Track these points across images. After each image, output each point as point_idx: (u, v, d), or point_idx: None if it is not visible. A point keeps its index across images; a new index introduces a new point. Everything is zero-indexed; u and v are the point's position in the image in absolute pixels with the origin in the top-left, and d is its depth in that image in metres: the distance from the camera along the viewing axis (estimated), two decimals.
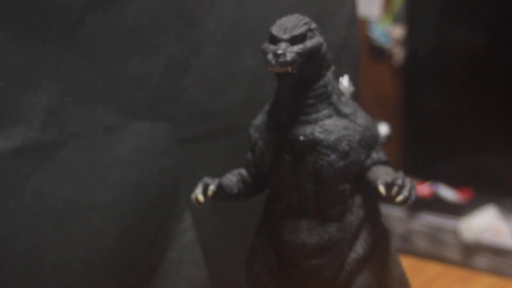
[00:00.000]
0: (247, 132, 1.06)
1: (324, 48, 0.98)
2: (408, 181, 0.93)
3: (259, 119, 1.05)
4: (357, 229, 1.03)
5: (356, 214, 1.03)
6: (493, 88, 2.31)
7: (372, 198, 1.06)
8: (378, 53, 2.51)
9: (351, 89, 1.13)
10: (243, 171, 1.08)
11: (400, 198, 0.92)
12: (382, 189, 0.94)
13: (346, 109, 1.01)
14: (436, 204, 2.26)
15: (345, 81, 1.10)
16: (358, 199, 1.03)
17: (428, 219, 2.22)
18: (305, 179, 0.99)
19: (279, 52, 0.91)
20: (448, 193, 2.31)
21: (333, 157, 0.97)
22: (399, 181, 0.92)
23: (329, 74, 1.00)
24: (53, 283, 1.08)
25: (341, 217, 1.01)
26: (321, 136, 0.97)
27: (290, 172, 1.00)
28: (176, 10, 1.21)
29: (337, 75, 1.51)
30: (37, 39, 1.05)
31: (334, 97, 1.00)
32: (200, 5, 1.24)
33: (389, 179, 0.94)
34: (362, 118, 1.02)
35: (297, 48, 0.93)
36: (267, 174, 1.04)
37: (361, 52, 1.70)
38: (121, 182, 1.15)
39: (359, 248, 1.03)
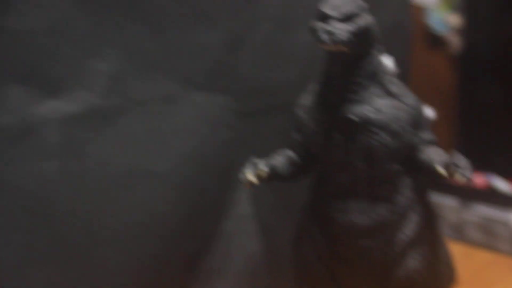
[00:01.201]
0: (294, 112, 1.06)
1: (374, 27, 0.97)
2: (462, 159, 0.93)
3: (307, 98, 1.04)
4: (406, 210, 1.03)
5: (405, 195, 1.02)
6: None
7: (422, 179, 1.06)
8: (435, 41, 2.48)
9: (394, 70, 1.12)
10: (290, 152, 1.07)
11: (457, 176, 0.91)
12: (440, 169, 0.94)
13: (394, 89, 1.00)
14: (489, 196, 2.22)
15: (388, 61, 1.10)
16: (407, 180, 1.03)
17: (481, 210, 2.19)
18: (356, 158, 0.99)
19: (331, 29, 0.90)
20: (502, 184, 2.27)
21: (385, 137, 0.97)
22: (455, 161, 0.92)
23: (377, 53, 1.00)
24: (112, 245, 1.10)
25: (391, 197, 1.01)
26: (373, 115, 0.97)
27: (341, 151, 0.99)
28: None
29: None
30: (101, 7, 1.07)
31: (382, 76, 0.99)
32: None
33: (445, 159, 0.94)
34: (410, 98, 1.01)
35: (351, 26, 0.92)
36: (318, 154, 1.03)
37: (417, 39, 1.68)
38: (180, 151, 1.17)
39: (408, 230, 1.03)
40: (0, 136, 1.00)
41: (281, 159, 1.05)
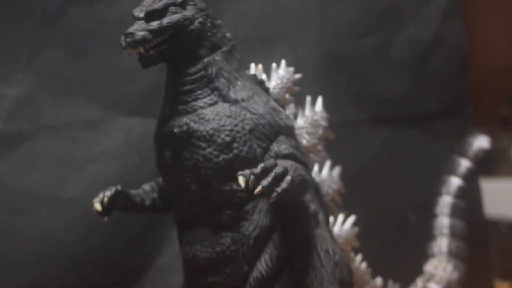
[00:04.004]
0: None
1: (196, 24, 0.83)
2: (276, 171, 0.75)
3: None
4: (259, 241, 0.85)
5: (255, 222, 0.84)
6: None
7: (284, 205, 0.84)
8: None
9: (292, 77, 0.95)
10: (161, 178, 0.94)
11: (257, 189, 0.74)
12: (241, 180, 0.74)
13: (239, 95, 0.84)
14: None
15: (281, 68, 0.95)
16: (262, 205, 0.85)
17: None
18: (188, 178, 0.84)
19: (129, 31, 0.80)
20: None
21: (209, 150, 0.82)
22: (257, 171, 0.74)
23: (217, 56, 0.85)
24: (3, 271, 1.09)
25: (235, 225, 0.84)
26: (195, 126, 0.82)
27: (172, 171, 0.85)
28: None
29: (426, 76, 1.30)
30: (10, 33, 1.08)
31: (221, 81, 0.84)
32: None
33: (256, 170, 0.75)
34: (258, 104, 0.84)
35: (149, 25, 0.80)
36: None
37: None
38: (97, 178, 1.13)
39: (262, 265, 0.85)
40: None
41: (146, 186, 0.93)
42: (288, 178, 0.76)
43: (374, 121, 1.30)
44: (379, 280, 1.07)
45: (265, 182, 0.74)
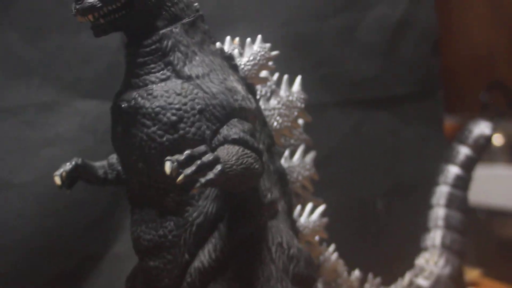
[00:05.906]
0: None
1: None
2: (204, 159, 0.70)
3: None
4: (203, 229, 0.81)
5: (201, 209, 0.81)
6: None
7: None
8: None
9: (267, 54, 0.91)
10: None
11: (179, 178, 0.69)
12: (167, 166, 0.70)
13: (194, 71, 0.80)
14: None
15: (256, 44, 0.91)
16: (209, 191, 0.81)
17: None
18: (135, 156, 0.80)
19: None
20: None
21: (153, 129, 0.78)
22: (181, 158, 0.70)
23: (175, 28, 0.81)
24: None
25: (179, 210, 0.80)
26: (142, 102, 0.78)
27: (122, 147, 0.82)
28: None
29: (395, 58, 1.26)
30: None
31: (176, 55, 0.80)
32: None
33: (181, 157, 0.71)
34: (213, 83, 0.80)
35: None
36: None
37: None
38: (52, 162, 1.09)
39: (205, 256, 0.81)
40: None
41: (112, 157, 0.90)
42: (218, 167, 0.71)
43: (342, 104, 1.27)
44: (357, 273, 1.03)
45: (188, 170, 0.69)
